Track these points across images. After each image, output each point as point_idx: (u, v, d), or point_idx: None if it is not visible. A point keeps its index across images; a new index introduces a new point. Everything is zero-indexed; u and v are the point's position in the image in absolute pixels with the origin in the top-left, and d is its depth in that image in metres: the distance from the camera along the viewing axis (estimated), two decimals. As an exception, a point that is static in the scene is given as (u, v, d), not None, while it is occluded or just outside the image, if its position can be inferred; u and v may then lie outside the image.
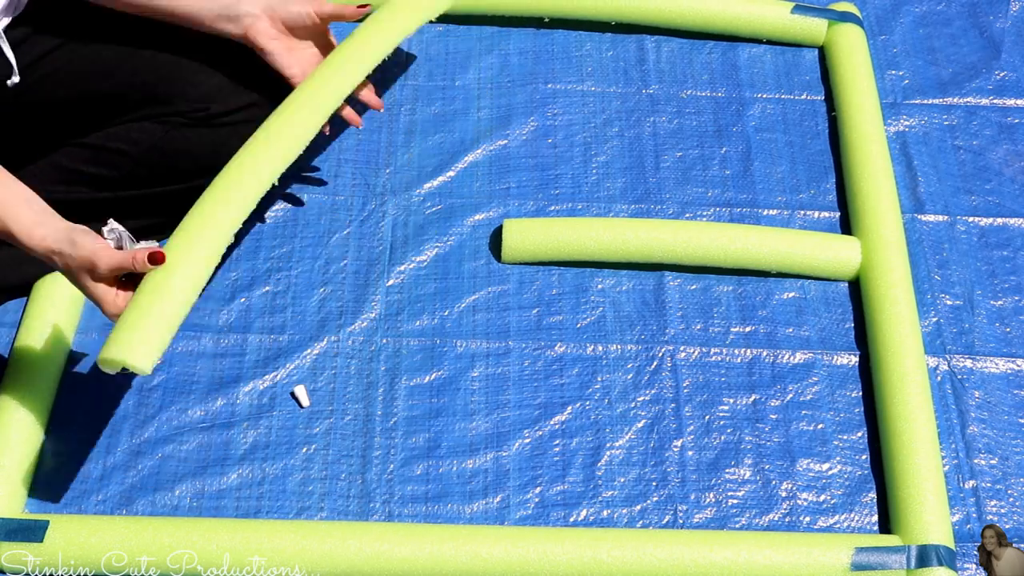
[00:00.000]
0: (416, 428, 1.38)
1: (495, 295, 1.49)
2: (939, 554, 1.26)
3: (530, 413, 1.40)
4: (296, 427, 1.37)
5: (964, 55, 1.80)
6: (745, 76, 1.75)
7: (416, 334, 1.45)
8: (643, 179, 1.62)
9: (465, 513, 1.32)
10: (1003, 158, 1.68)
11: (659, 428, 1.40)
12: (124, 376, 1.38)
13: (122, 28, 1.38)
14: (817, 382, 1.45)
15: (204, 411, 1.37)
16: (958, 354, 1.48)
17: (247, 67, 1.40)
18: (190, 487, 1.32)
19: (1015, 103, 1.74)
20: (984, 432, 1.42)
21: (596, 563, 1.25)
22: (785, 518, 1.34)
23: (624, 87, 1.72)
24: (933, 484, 1.31)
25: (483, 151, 1.63)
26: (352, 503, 1.32)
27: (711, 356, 1.46)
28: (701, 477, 1.36)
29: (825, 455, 1.39)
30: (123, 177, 1.38)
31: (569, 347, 1.45)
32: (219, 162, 1.42)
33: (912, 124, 1.71)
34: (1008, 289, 1.55)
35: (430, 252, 1.52)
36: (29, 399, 1.31)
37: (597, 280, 1.51)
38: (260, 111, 1.40)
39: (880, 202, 1.55)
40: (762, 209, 1.60)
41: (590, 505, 1.34)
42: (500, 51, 1.74)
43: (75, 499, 1.30)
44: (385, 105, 1.66)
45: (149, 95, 1.38)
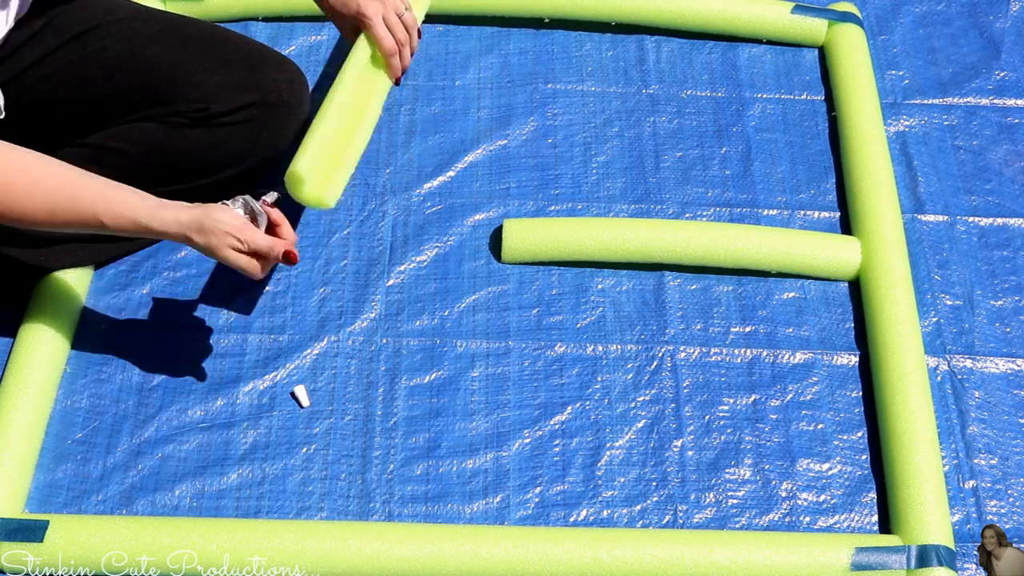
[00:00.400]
0: (416, 428, 1.38)
1: (495, 295, 1.49)
2: (939, 554, 1.26)
3: (530, 413, 1.40)
4: (296, 427, 1.37)
5: (964, 55, 1.80)
6: (745, 76, 1.75)
7: (416, 334, 1.45)
8: (643, 179, 1.62)
9: (465, 513, 1.32)
10: (1003, 158, 1.68)
11: (659, 428, 1.40)
12: (127, 368, 1.38)
13: (123, 29, 1.38)
14: (817, 382, 1.45)
15: (204, 411, 1.37)
16: (958, 354, 1.48)
17: (247, 68, 1.40)
18: (190, 487, 1.32)
19: (1015, 103, 1.74)
20: (984, 432, 1.42)
21: (596, 563, 1.25)
22: (785, 518, 1.34)
23: (624, 87, 1.72)
24: (933, 484, 1.31)
25: (483, 151, 1.63)
26: (352, 503, 1.32)
27: (711, 356, 1.46)
28: (701, 477, 1.36)
29: (825, 455, 1.39)
30: (123, 177, 1.37)
31: (569, 347, 1.45)
32: (219, 162, 1.42)
33: (912, 124, 1.71)
34: (1008, 289, 1.55)
35: (430, 252, 1.52)
36: (29, 399, 1.31)
37: (597, 280, 1.51)
38: (259, 111, 1.40)
39: (880, 202, 1.55)
40: (762, 209, 1.60)
41: (590, 505, 1.34)
42: (500, 51, 1.74)
43: (75, 499, 1.30)
44: (385, 105, 1.65)
45: (149, 95, 1.38)
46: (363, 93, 1.38)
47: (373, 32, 1.36)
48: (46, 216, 1.17)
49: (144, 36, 1.38)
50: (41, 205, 1.16)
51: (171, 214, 1.20)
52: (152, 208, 1.20)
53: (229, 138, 1.40)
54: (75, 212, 1.17)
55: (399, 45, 1.38)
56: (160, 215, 1.19)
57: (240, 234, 1.21)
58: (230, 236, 1.21)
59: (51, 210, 1.17)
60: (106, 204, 1.18)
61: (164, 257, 1.48)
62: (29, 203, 1.16)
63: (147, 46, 1.38)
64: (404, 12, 1.38)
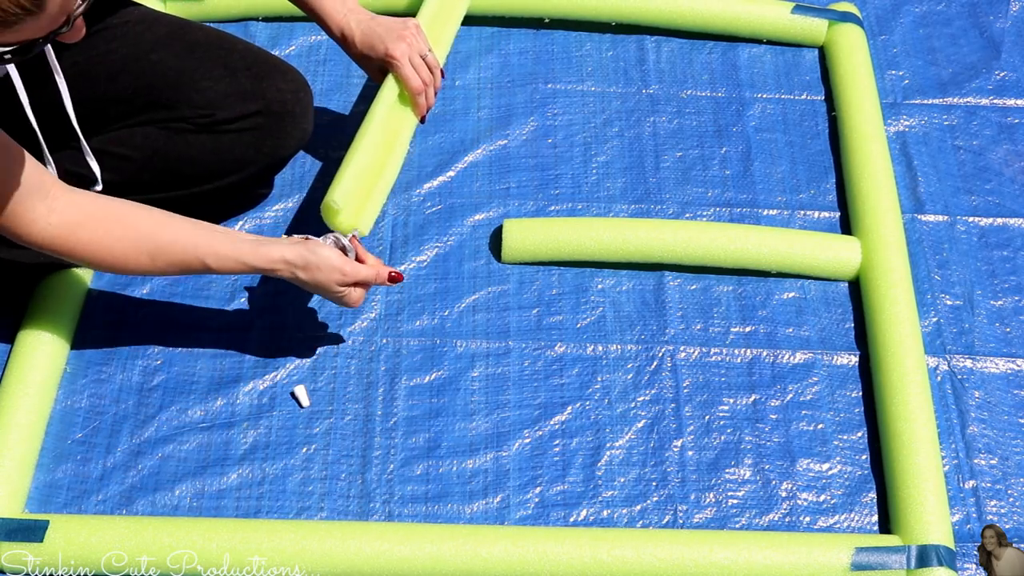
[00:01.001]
0: (416, 428, 1.38)
1: (495, 295, 1.49)
2: (939, 554, 1.26)
3: (530, 413, 1.40)
4: (296, 427, 1.37)
5: (964, 55, 1.80)
6: (745, 76, 1.75)
7: (416, 334, 1.45)
8: (643, 179, 1.62)
9: (465, 513, 1.32)
10: (1003, 158, 1.68)
11: (659, 428, 1.40)
12: (129, 359, 1.38)
13: (129, 32, 1.38)
14: (817, 382, 1.45)
15: (204, 411, 1.37)
16: (958, 354, 1.48)
17: (253, 76, 1.39)
18: (190, 487, 1.32)
19: (1015, 103, 1.74)
20: (984, 432, 1.42)
21: (596, 563, 1.24)
22: (785, 518, 1.34)
23: (624, 87, 1.72)
24: (933, 484, 1.31)
25: (483, 151, 1.63)
26: (352, 503, 1.32)
27: (711, 356, 1.46)
28: (701, 477, 1.36)
29: (825, 455, 1.39)
30: (125, 182, 1.38)
31: (569, 347, 1.45)
32: (221, 169, 1.42)
33: (912, 124, 1.71)
34: (1008, 289, 1.55)
35: (430, 252, 1.52)
36: (29, 399, 1.31)
37: (597, 280, 1.51)
38: (264, 120, 1.39)
39: (880, 202, 1.55)
40: (762, 209, 1.60)
41: (590, 505, 1.34)
42: (500, 51, 1.74)
43: (75, 499, 1.30)
44: (385, 105, 1.66)
45: (153, 99, 1.37)
46: (392, 129, 1.43)
47: (400, 72, 1.40)
48: (148, 262, 1.22)
49: (150, 40, 1.38)
50: (142, 252, 1.21)
51: (276, 251, 1.25)
52: (255, 246, 1.24)
53: (233, 145, 1.40)
54: (177, 257, 1.22)
55: (424, 84, 1.42)
56: (265, 253, 1.24)
57: (345, 267, 1.26)
58: (336, 271, 1.26)
59: (152, 256, 1.21)
60: (208, 247, 1.22)
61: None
62: (133, 252, 1.21)
63: (153, 50, 1.38)
64: (427, 53, 1.42)
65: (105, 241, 1.19)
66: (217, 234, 1.25)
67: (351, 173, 1.37)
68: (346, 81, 1.68)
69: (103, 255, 1.20)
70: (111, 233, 1.19)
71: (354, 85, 1.68)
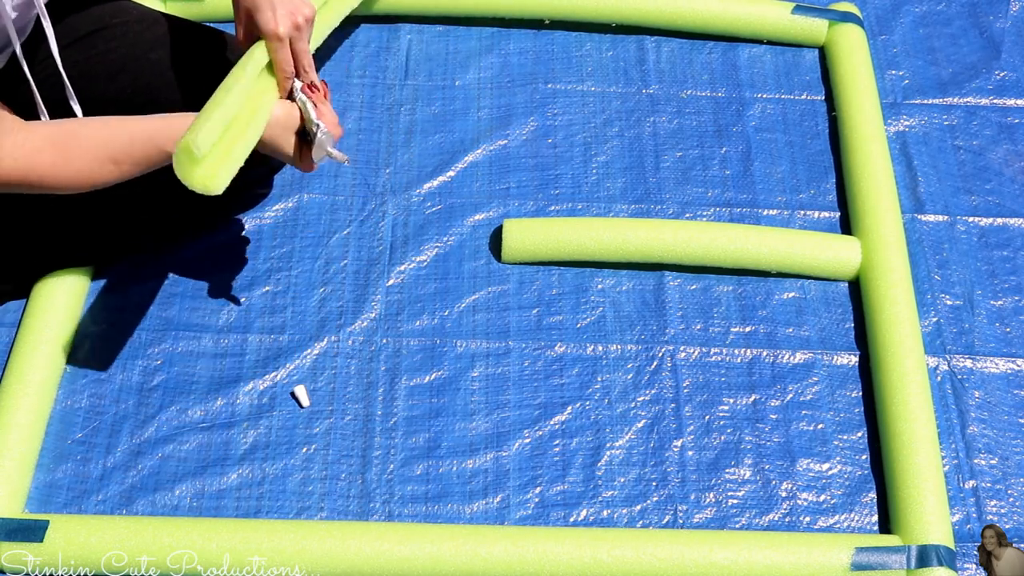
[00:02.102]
0: (416, 428, 1.38)
1: (495, 295, 1.49)
2: (939, 554, 1.26)
3: (530, 413, 1.40)
4: (296, 427, 1.37)
5: (964, 55, 1.80)
6: (745, 76, 1.75)
7: (416, 334, 1.45)
8: (643, 179, 1.62)
9: (465, 513, 1.32)
10: (1003, 158, 1.68)
11: (659, 428, 1.40)
12: (127, 368, 1.38)
13: (129, 31, 1.38)
14: (817, 382, 1.45)
15: (204, 411, 1.37)
16: (958, 354, 1.48)
17: None
18: (190, 487, 1.32)
19: (1015, 103, 1.74)
20: (984, 432, 1.42)
21: (596, 563, 1.25)
22: (785, 518, 1.34)
23: (624, 87, 1.72)
24: (933, 484, 1.31)
25: (483, 151, 1.63)
26: (352, 503, 1.32)
27: (711, 356, 1.46)
28: (701, 477, 1.36)
29: (825, 455, 1.39)
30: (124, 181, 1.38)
31: (569, 347, 1.45)
32: None
33: (912, 124, 1.71)
34: (1008, 289, 1.55)
35: (430, 252, 1.52)
36: (29, 399, 1.31)
37: (597, 280, 1.51)
38: None
39: (880, 202, 1.55)
40: (762, 209, 1.60)
41: (590, 505, 1.34)
42: (500, 51, 1.74)
43: (75, 499, 1.30)
44: (385, 105, 1.66)
45: (153, 99, 1.37)
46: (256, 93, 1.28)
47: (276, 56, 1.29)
48: (114, 168, 1.19)
49: (149, 40, 1.38)
50: (104, 159, 1.18)
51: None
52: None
53: None
54: (139, 154, 1.20)
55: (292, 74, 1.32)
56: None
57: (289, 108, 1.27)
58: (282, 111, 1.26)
59: (116, 160, 1.19)
60: (165, 134, 1.19)
61: (164, 257, 1.48)
62: (96, 163, 1.18)
63: (152, 50, 1.38)
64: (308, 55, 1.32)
65: (68, 159, 1.18)
66: (169, 119, 1.22)
67: (218, 117, 1.19)
68: (346, 81, 1.68)
69: (70, 174, 1.19)
70: (70, 150, 1.18)
71: (354, 85, 1.68)
